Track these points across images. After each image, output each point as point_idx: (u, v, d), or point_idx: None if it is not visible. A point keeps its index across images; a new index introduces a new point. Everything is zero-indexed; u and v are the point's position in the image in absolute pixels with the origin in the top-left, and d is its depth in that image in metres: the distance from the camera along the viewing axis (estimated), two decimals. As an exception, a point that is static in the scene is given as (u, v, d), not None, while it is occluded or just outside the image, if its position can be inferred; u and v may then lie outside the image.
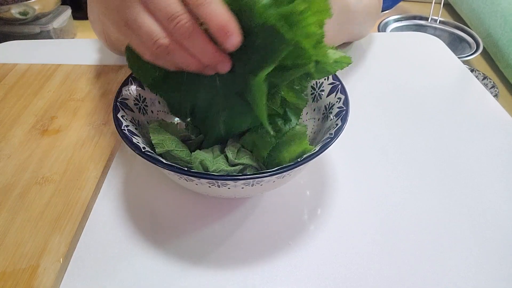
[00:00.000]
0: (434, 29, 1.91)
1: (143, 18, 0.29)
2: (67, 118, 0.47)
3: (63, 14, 1.78)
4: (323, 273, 0.32)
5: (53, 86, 0.52)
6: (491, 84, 1.53)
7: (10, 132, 0.45)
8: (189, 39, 0.28)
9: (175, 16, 0.28)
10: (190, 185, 0.32)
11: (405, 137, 0.47)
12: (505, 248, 0.35)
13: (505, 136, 0.47)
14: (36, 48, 0.63)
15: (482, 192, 0.40)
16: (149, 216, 0.37)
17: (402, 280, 0.32)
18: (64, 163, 0.41)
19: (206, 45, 0.29)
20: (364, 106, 0.51)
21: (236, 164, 0.34)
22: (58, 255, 0.32)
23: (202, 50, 0.29)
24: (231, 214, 0.37)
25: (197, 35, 0.28)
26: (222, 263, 0.33)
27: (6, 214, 0.35)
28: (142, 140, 0.34)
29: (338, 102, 0.37)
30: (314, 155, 0.30)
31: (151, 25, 0.29)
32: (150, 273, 0.32)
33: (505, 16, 1.64)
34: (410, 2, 2.40)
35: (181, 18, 0.28)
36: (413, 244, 0.35)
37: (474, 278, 0.32)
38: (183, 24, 0.28)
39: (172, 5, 0.28)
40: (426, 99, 0.53)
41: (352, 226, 0.36)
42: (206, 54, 0.29)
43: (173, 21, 0.28)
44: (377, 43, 0.65)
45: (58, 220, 0.35)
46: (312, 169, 0.42)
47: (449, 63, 0.61)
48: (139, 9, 0.29)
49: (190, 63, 0.30)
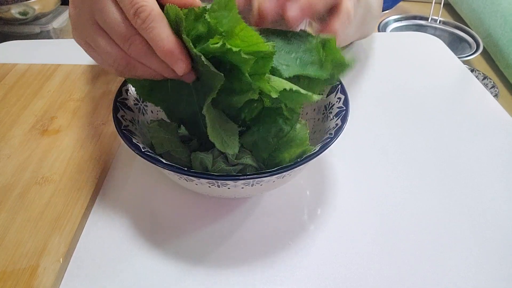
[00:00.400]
0: (434, 29, 1.91)
1: (99, 39, 0.29)
2: (67, 118, 0.47)
3: (63, 14, 1.78)
4: (323, 273, 0.32)
5: (53, 86, 0.52)
6: (491, 84, 1.53)
7: (10, 132, 0.45)
8: (145, 58, 0.29)
9: (127, 37, 0.28)
10: (190, 185, 0.32)
11: (405, 137, 0.47)
12: (505, 248, 0.35)
13: (505, 136, 0.47)
14: (36, 48, 0.63)
15: (482, 192, 0.40)
16: (149, 216, 0.37)
17: (402, 280, 0.32)
18: (64, 163, 0.41)
19: (160, 61, 0.29)
20: (364, 106, 0.51)
21: (236, 164, 0.34)
22: (58, 255, 0.32)
23: (160, 67, 0.29)
24: (231, 214, 0.37)
25: (152, 55, 0.28)
26: (222, 263, 0.33)
27: (6, 214, 0.35)
28: (142, 140, 0.34)
29: (338, 102, 0.37)
30: (314, 155, 0.30)
31: (108, 46, 0.29)
32: (150, 273, 0.32)
33: (505, 16, 1.64)
34: (410, 2, 2.40)
35: (133, 39, 0.28)
36: (413, 244, 0.35)
37: (474, 278, 0.32)
38: (137, 45, 0.28)
39: (123, 26, 0.28)
40: (426, 99, 0.53)
41: (352, 226, 0.36)
42: (166, 70, 0.29)
43: (126, 42, 0.28)
44: (377, 43, 0.65)
45: (58, 220, 0.35)
46: (312, 169, 0.42)
47: (449, 63, 0.61)
48: (95, 28, 0.29)
49: (154, 75, 0.30)
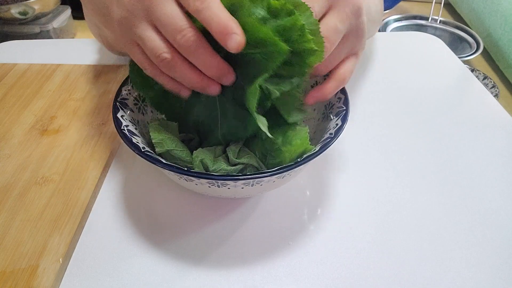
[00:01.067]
0: (435, 29, 1.91)
1: (149, 34, 0.29)
2: (66, 118, 0.47)
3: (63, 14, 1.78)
4: (323, 273, 0.32)
5: (52, 86, 0.52)
6: (491, 84, 1.53)
7: (10, 132, 0.45)
8: (195, 51, 0.29)
9: (181, 29, 0.28)
10: (190, 185, 0.32)
11: (405, 137, 0.47)
12: (505, 248, 0.35)
13: (505, 136, 0.47)
14: (36, 48, 0.63)
15: (482, 192, 0.40)
16: (149, 216, 0.37)
17: (402, 280, 0.32)
18: (64, 163, 0.41)
19: (211, 57, 0.29)
20: (364, 106, 0.51)
21: (237, 164, 0.34)
22: (58, 255, 0.32)
23: (208, 62, 0.29)
24: (231, 214, 0.37)
25: (203, 47, 0.29)
26: (222, 263, 0.33)
27: (5, 214, 0.35)
28: (142, 140, 0.34)
29: (338, 102, 0.37)
30: (314, 155, 0.30)
31: (156, 40, 0.29)
32: (150, 273, 0.32)
33: (505, 16, 1.64)
34: (410, 2, 2.40)
35: (187, 31, 0.28)
36: (413, 244, 0.35)
37: (474, 278, 0.32)
38: (189, 37, 0.28)
39: (177, 19, 0.28)
40: (426, 99, 0.53)
41: (352, 226, 0.36)
42: (211, 66, 0.30)
43: (179, 34, 0.28)
44: (377, 43, 0.65)
45: (57, 220, 0.35)
46: (312, 169, 0.42)
47: (449, 63, 0.61)
48: (145, 26, 0.30)
49: (192, 79, 0.31)
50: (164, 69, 0.31)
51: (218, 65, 0.30)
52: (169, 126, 0.36)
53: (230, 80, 0.31)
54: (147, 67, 0.32)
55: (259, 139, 0.35)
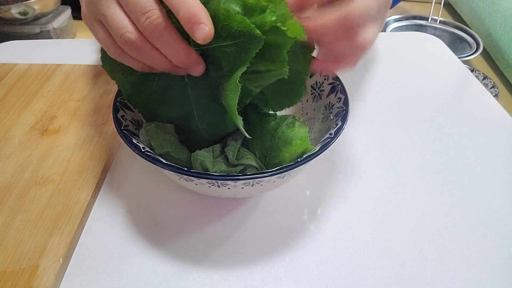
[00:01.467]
0: (434, 29, 1.91)
1: (112, 11, 0.27)
2: (67, 118, 0.47)
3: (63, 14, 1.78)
4: (323, 273, 0.32)
5: (53, 86, 0.52)
6: (491, 84, 1.53)
7: (10, 132, 0.45)
8: (160, 36, 0.27)
9: (146, 10, 0.26)
10: (190, 185, 0.32)
11: (405, 137, 0.47)
12: (505, 248, 0.35)
13: (505, 136, 0.47)
14: (36, 48, 0.63)
15: (482, 192, 0.40)
16: (149, 216, 0.37)
17: (402, 280, 0.32)
18: (64, 163, 0.41)
19: (178, 43, 0.27)
20: (364, 106, 0.51)
21: (237, 165, 0.34)
22: (58, 255, 0.32)
23: (174, 49, 0.28)
24: (231, 214, 0.37)
25: (169, 32, 0.27)
26: (222, 263, 0.33)
27: (6, 214, 0.35)
28: (142, 140, 0.34)
29: (338, 102, 0.37)
30: (314, 155, 0.30)
31: (120, 19, 0.27)
32: (150, 273, 0.32)
33: (505, 16, 1.64)
34: (410, 2, 2.40)
35: (152, 12, 0.26)
36: (413, 244, 0.35)
37: (474, 278, 0.32)
38: (155, 19, 0.26)
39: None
40: (426, 99, 0.53)
41: (352, 226, 0.36)
42: (178, 53, 0.28)
43: (143, 15, 0.26)
44: (377, 43, 0.65)
45: (57, 220, 0.35)
46: (312, 169, 0.42)
47: (449, 63, 0.61)
48: (110, 2, 0.28)
49: (158, 62, 0.29)
50: (128, 51, 0.28)
51: (186, 53, 0.28)
52: (165, 128, 0.35)
53: (199, 71, 0.30)
54: (110, 47, 0.29)
55: (258, 140, 0.35)
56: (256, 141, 0.35)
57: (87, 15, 0.30)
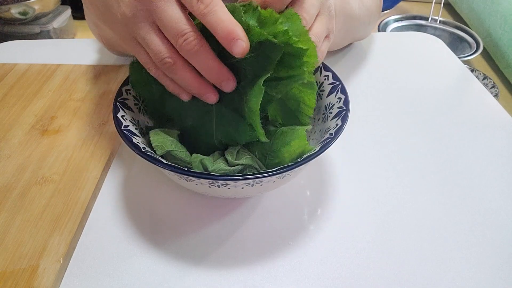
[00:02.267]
0: (434, 29, 1.91)
1: (152, 36, 0.30)
2: (67, 118, 0.47)
3: (63, 14, 1.78)
4: (323, 273, 0.32)
5: (53, 86, 0.52)
6: (491, 84, 1.53)
7: (10, 132, 0.45)
8: (196, 55, 0.29)
9: (184, 33, 0.29)
10: (190, 185, 0.32)
11: (405, 137, 0.47)
12: (505, 248, 0.35)
13: (505, 136, 0.47)
14: (36, 48, 0.63)
15: (482, 192, 0.40)
16: (149, 216, 0.37)
17: (402, 280, 0.32)
18: (64, 163, 0.41)
19: (212, 61, 0.30)
20: (364, 106, 0.51)
21: (236, 165, 0.34)
22: (58, 255, 0.32)
23: (209, 66, 0.30)
24: (231, 214, 0.37)
25: (205, 51, 0.29)
26: (222, 263, 0.33)
27: (6, 214, 0.35)
28: (142, 140, 0.34)
29: (338, 102, 0.37)
30: (314, 155, 0.30)
31: (158, 44, 0.30)
32: (150, 273, 0.32)
33: (505, 16, 1.64)
34: (410, 2, 2.41)
35: (189, 35, 0.29)
36: (413, 244, 0.35)
37: (474, 278, 0.32)
38: (191, 40, 0.29)
39: (180, 22, 0.29)
40: (426, 99, 0.53)
41: (352, 226, 0.36)
42: (212, 70, 0.30)
43: (181, 37, 0.29)
44: (377, 43, 0.65)
45: (58, 220, 0.35)
46: (312, 169, 0.42)
47: (449, 63, 0.61)
48: (149, 27, 0.30)
49: (191, 83, 0.31)
50: (166, 72, 0.31)
51: (219, 70, 0.30)
52: (170, 133, 0.36)
53: (231, 86, 0.32)
54: (151, 68, 0.32)
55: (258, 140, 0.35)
56: (256, 141, 0.35)
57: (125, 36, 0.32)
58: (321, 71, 0.40)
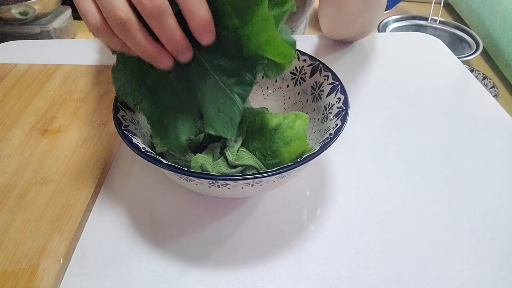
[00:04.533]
0: (434, 29, 1.91)
1: None
2: (67, 118, 0.47)
3: (63, 14, 1.78)
4: (323, 273, 0.32)
5: (53, 86, 0.52)
6: (491, 84, 1.53)
7: (10, 132, 0.45)
8: (159, 18, 0.26)
9: None
10: (190, 185, 0.32)
11: (405, 137, 0.47)
12: (505, 248, 0.35)
13: (505, 136, 0.47)
14: (36, 48, 0.63)
15: (482, 192, 0.40)
16: (149, 216, 0.37)
17: (402, 280, 0.32)
18: (64, 163, 0.41)
19: (175, 28, 0.27)
20: (364, 106, 0.51)
21: (236, 166, 0.34)
22: (58, 255, 0.32)
23: (170, 33, 0.27)
24: (231, 214, 0.37)
25: (168, 17, 0.27)
26: (222, 263, 0.33)
27: (6, 214, 0.35)
28: (142, 140, 0.34)
29: (338, 102, 0.37)
30: (314, 155, 0.30)
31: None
32: (150, 273, 0.32)
33: (505, 16, 1.64)
34: (410, 2, 2.41)
35: None
36: (413, 244, 0.35)
37: (474, 278, 0.32)
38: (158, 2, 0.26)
39: None
40: (426, 99, 0.53)
41: (352, 226, 0.36)
42: (173, 38, 0.28)
43: None
44: (377, 43, 0.65)
45: (58, 220, 0.35)
46: (312, 169, 0.42)
47: (449, 63, 0.61)
48: None
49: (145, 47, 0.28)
50: (116, 30, 0.27)
51: (180, 39, 0.28)
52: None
53: (187, 58, 0.30)
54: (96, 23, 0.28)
55: (258, 140, 0.35)
56: (256, 141, 0.35)
57: None
58: (321, 71, 0.40)
